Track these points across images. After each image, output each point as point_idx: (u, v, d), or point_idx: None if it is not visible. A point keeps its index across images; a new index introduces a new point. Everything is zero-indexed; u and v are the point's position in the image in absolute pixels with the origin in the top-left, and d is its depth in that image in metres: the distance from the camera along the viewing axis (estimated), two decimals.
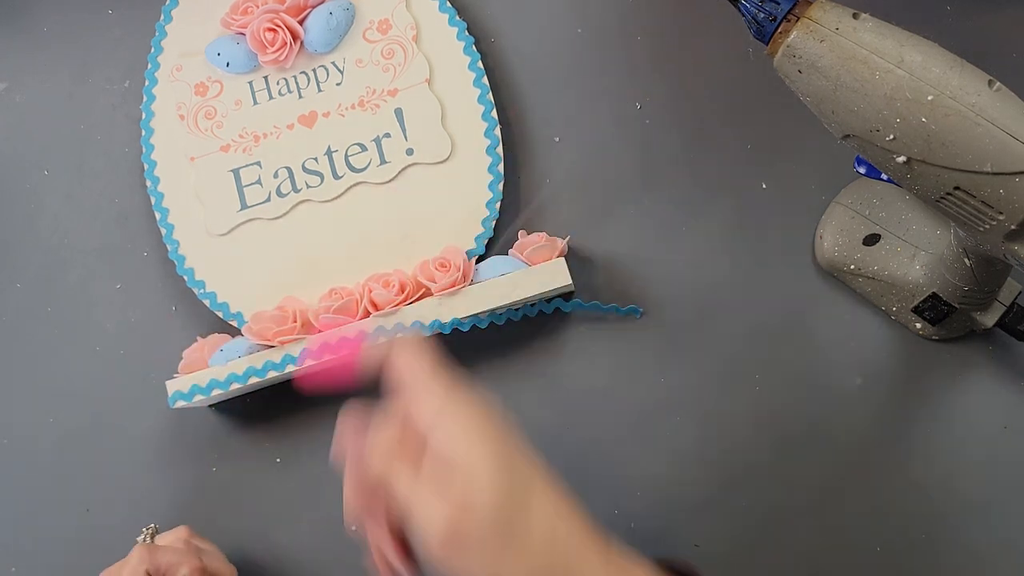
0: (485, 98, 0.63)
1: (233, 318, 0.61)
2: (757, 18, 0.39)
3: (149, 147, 0.64)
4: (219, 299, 0.61)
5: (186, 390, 0.58)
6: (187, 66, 0.65)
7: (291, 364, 0.57)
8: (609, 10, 0.66)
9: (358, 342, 0.56)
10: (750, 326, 0.59)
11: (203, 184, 0.63)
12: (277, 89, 0.64)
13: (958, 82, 0.36)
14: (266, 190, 0.63)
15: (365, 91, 0.63)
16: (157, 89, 0.65)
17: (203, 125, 0.64)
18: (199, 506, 0.60)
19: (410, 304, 0.58)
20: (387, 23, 0.64)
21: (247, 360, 0.58)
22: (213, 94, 0.65)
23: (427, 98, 0.63)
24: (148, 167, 0.64)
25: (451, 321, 0.57)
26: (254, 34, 0.63)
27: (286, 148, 0.63)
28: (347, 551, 0.59)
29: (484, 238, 0.61)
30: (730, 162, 0.62)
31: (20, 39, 0.70)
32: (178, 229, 0.63)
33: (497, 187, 0.61)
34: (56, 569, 0.61)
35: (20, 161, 0.68)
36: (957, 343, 0.58)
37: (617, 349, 0.60)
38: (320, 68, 0.64)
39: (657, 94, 0.64)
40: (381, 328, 0.57)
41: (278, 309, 0.60)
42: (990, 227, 0.40)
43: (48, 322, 0.64)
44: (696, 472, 0.58)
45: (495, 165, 0.62)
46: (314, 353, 0.56)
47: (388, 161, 0.62)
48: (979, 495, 0.56)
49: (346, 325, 0.58)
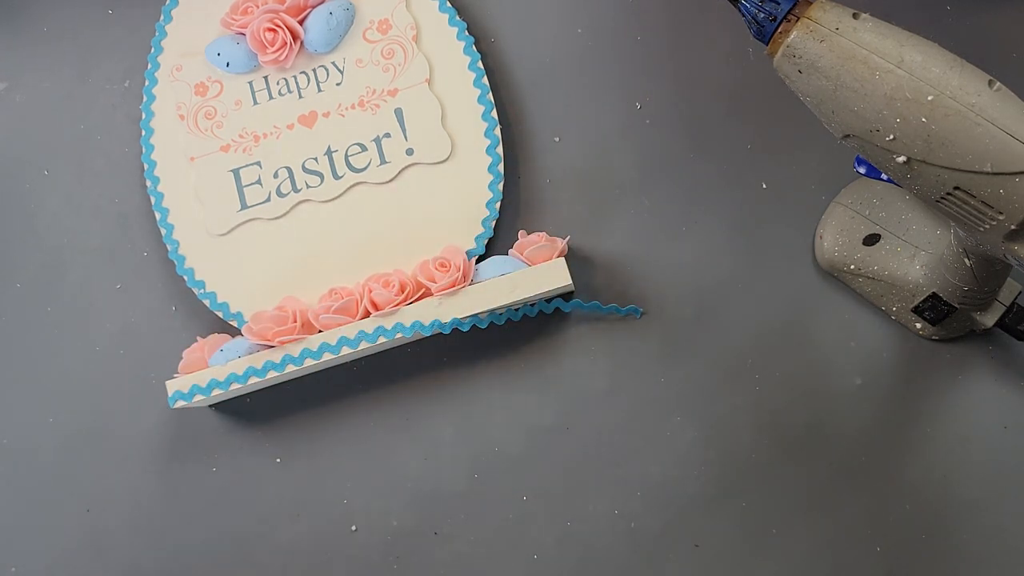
0: (485, 98, 0.63)
1: (233, 318, 0.61)
2: (757, 18, 0.39)
3: (149, 147, 0.65)
4: (219, 299, 0.61)
5: (186, 390, 0.58)
6: (187, 66, 0.65)
7: (291, 364, 0.57)
8: (609, 10, 0.66)
9: None
10: (750, 326, 0.59)
11: (203, 184, 0.63)
12: (277, 89, 0.64)
13: (958, 82, 0.36)
14: (266, 190, 0.63)
15: (365, 91, 0.63)
16: (157, 89, 0.65)
17: (203, 125, 0.64)
18: (199, 506, 0.60)
19: (410, 304, 0.58)
20: (387, 23, 0.64)
21: (247, 360, 0.58)
22: (213, 94, 0.65)
23: (427, 98, 0.63)
24: (148, 167, 0.64)
25: (451, 321, 0.57)
26: (254, 34, 0.63)
27: (286, 148, 0.63)
28: (347, 551, 0.59)
29: (484, 238, 0.61)
30: (730, 162, 0.62)
31: (20, 39, 0.70)
32: (178, 229, 0.63)
33: (497, 187, 0.61)
34: (56, 569, 0.61)
35: (20, 161, 0.68)
36: (957, 343, 0.58)
37: (617, 349, 0.60)
38: (320, 68, 0.64)
39: (657, 94, 0.64)
40: (381, 328, 0.57)
41: (278, 309, 0.60)
42: (990, 227, 0.40)
43: (48, 322, 0.64)
44: (696, 472, 0.58)
45: (495, 165, 0.61)
46: None
47: (388, 161, 0.62)
48: (979, 495, 0.56)
49: (346, 325, 0.58)
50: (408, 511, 0.59)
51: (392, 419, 0.60)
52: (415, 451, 0.60)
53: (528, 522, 0.58)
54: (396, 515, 0.59)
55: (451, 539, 0.58)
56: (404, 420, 0.60)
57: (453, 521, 0.59)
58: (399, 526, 0.59)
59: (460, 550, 0.58)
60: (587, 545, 0.58)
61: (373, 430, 0.60)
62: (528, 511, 0.59)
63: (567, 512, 0.58)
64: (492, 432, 0.59)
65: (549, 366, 0.60)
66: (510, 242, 0.60)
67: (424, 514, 0.59)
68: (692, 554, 0.57)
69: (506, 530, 0.58)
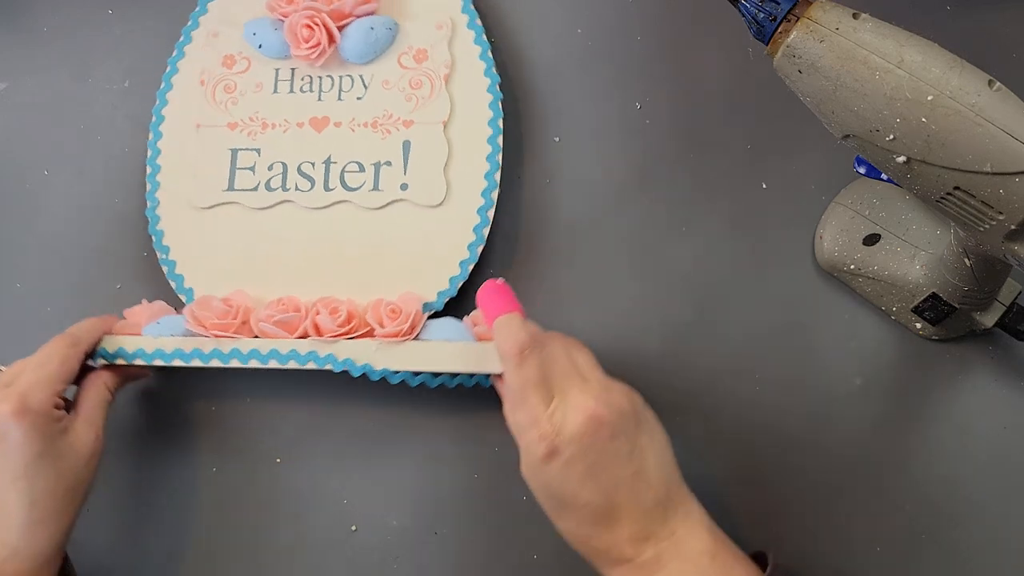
0: (494, 158, 0.61)
1: (184, 293, 0.61)
2: (757, 18, 0.39)
3: (160, 117, 0.64)
4: (177, 270, 0.62)
5: (112, 350, 0.57)
6: (223, 35, 0.65)
7: (218, 360, 0.57)
8: (609, 10, 0.66)
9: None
10: (750, 326, 0.60)
11: (200, 154, 0.63)
12: (299, 85, 0.64)
13: (958, 82, 0.36)
14: (257, 179, 0.62)
15: (382, 113, 0.62)
16: (189, 48, 0.65)
17: (219, 97, 0.64)
18: (199, 506, 0.60)
19: (350, 339, 0.57)
20: (424, 54, 0.63)
21: (179, 341, 0.57)
22: (239, 70, 0.64)
23: (438, 140, 0.61)
24: (153, 136, 0.64)
25: (381, 370, 0.56)
26: (291, 26, 0.62)
27: (289, 144, 0.63)
28: (348, 551, 0.59)
29: (446, 296, 0.59)
30: (730, 162, 0.62)
31: (20, 39, 0.70)
32: (162, 205, 0.63)
33: (476, 249, 0.60)
34: None
35: (20, 161, 0.68)
36: (957, 343, 0.58)
37: (617, 349, 0.60)
38: (347, 77, 0.63)
39: (657, 94, 0.64)
40: (314, 354, 0.56)
41: (224, 301, 0.59)
42: (990, 227, 0.40)
43: (48, 322, 0.64)
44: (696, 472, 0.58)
45: (481, 227, 0.60)
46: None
47: (381, 189, 0.61)
48: (979, 495, 0.56)
49: (281, 339, 0.57)
50: (408, 511, 0.59)
51: (392, 419, 0.60)
52: (415, 451, 0.60)
53: (528, 522, 0.58)
54: (396, 515, 0.59)
55: (451, 539, 0.58)
56: (404, 419, 0.60)
57: (453, 521, 0.59)
58: (399, 526, 0.59)
59: (460, 550, 0.58)
60: None
61: (373, 429, 0.60)
62: (528, 511, 0.59)
63: None
64: (492, 432, 0.59)
65: None
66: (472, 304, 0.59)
67: (424, 514, 0.59)
68: None
69: (506, 530, 0.58)
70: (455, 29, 0.63)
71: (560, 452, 0.45)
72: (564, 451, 0.45)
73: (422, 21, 0.64)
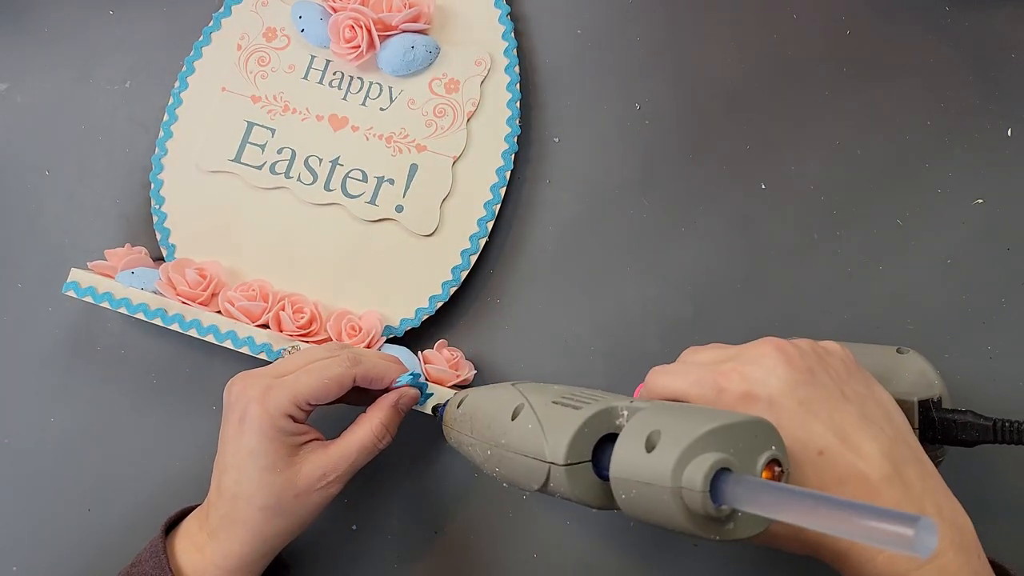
0: (491, 207, 0.61)
1: (166, 247, 0.62)
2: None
3: (191, 68, 0.65)
4: (165, 223, 0.62)
5: (83, 286, 0.59)
6: (273, 5, 0.65)
7: (178, 324, 0.58)
8: (609, 10, 0.66)
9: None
10: (750, 326, 0.59)
11: (218, 118, 0.63)
12: (329, 79, 0.64)
13: (500, 429, 0.44)
14: (263, 159, 0.63)
15: (399, 131, 0.62)
16: (238, 8, 0.65)
17: (251, 68, 0.64)
18: None
19: (305, 342, 0.58)
20: (456, 85, 0.63)
21: (147, 296, 0.58)
22: (278, 45, 0.64)
23: (444, 174, 0.61)
24: (173, 101, 0.65)
25: None
26: (336, 22, 0.62)
27: (303, 134, 0.63)
28: (347, 551, 0.59)
29: (407, 325, 0.60)
30: (730, 162, 0.62)
31: (21, 39, 0.70)
32: (169, 155, 0.64)
33: (449, 290, 0.60)
34: (57, 569, 0.61)
35: (21, 161, 0.68)
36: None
37: (617, 349, 0.60)
38: (376, 84, 0.63)
39: (657, 94, 0.64)
40: (267, 346, 0.57)
41: (199, 271, 0.60)
42: None
43: (48, 322, 0.65)
44: None
45: (460, 269, 0.61)
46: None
47: (376, 204, 0.61)
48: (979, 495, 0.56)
49: (252, 327, 0.58)
50: (408, 511, 0.59)
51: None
52: (415, 449, 0.60)
53: (528, 522, 0.58)
54: (396, 515, 0.59)
55: (451, 539, 0.58)
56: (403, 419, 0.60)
57: (453, 521, 0.59)
58: (399, 526, 0.59)
59: (460, 550, 0.58)
60: (587, 545, 0.58)
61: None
62: (528, 511, 0.59)
63: (567, 512, 0.58)
64: None
65: None
66: (448, 323, 0.61)
67: (424, 514, 0.59)
68: (692, 553, 0.57)
69: (506, 530, 0.58)
70: (492, 69, 0.63)
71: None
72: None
73: (464, 51, 0.63)
